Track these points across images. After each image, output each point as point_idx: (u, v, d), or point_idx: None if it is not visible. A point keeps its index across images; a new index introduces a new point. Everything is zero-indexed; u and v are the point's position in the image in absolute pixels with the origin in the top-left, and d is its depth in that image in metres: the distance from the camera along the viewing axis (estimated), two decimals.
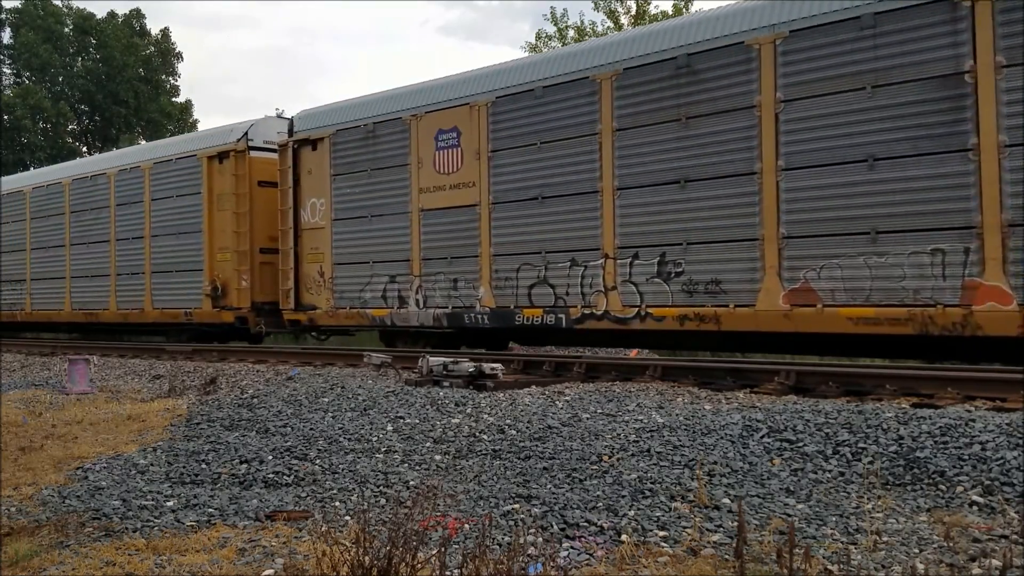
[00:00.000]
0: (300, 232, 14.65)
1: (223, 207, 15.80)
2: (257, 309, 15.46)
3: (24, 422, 8.33)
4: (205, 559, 3.94)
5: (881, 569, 3.61)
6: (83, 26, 40.46)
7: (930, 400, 6.99)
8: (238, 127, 16.17)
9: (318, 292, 14.35)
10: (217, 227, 15.96)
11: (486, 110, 12.04)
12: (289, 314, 14.84)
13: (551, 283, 11.24)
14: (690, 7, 26.18)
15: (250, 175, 15.55)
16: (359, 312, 13.63)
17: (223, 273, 15.81)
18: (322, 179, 14.24)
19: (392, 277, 13.19)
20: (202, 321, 16.37)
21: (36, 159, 37.02)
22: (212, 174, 16.02)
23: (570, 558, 3.86)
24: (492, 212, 11.95)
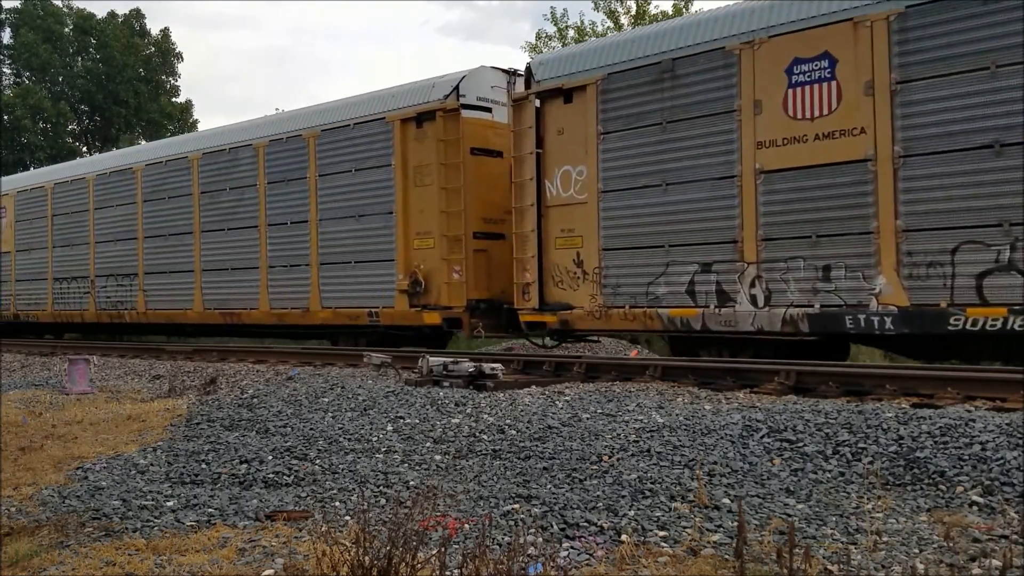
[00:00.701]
0: (544, 210, 11.53)
1: (423, 182, 12.86)
2: (471, 308, 12.49)
3: (24, 422, 8.33)
4: (205, 559, 3.95)
5: (881, 569, 3.61)
6: (83, 26, 40.44)
7: (930, 400, 6.99)
8: (443, 81, 13.05)
9: (573, 286, 11.24)
10: (414, 207, 13.00)
11: (886, 26, 8.68)
12: (529, 315, 11.71)
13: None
14: (690, 7, 26.17)
15: (462, 141, 12.55)
16: (645, 312, 10.41)
17: (424, 263, 12.87)
18: (581, 140, 11.09)
19: (705, 265, 9.97)
20: (392, 323, 13.48)
21: (36, 159, 37.01)
22: (407, 141, 13.03)
23: (570, 558, 3.86)
24: (901, 169, 8.59)
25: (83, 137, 42.10)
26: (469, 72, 12.94)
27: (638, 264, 10.64)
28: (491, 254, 12.78)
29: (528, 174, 11.70)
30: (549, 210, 11.56)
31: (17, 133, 37.21)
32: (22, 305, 21.21)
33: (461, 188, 12.54)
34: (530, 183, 11.66)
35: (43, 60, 38.86)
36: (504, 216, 12.60)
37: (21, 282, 21.19)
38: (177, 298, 17.00)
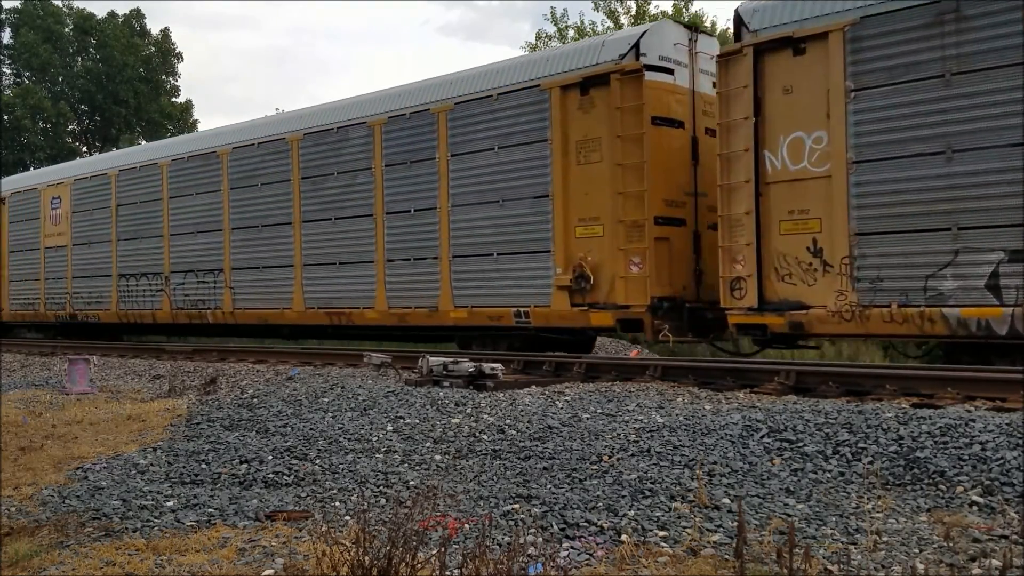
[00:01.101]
0: (763, 188, 9.55)
1: (589, 159, 11.02)
2: (654, 307, 10.48)
3: (24, 422, 8.33)
4: (205, 559, 3.95)
5: (881, 569, 3.61)
6: (83, 26, 40.45)
7: (930, 400, 6.99)
8: (616, 39, 11.32)
9: (808, 280, 9.28)
10: (575, 188, 11.11)
11: None
12: (742, 316, 9.65)
13: None
14: (690, 7, 26.18)
15: (645, 108, 10.57)
16: (922, 313, 8.47)
17: (592, 255, 10.96)
18: (819, 99, 9.18)
19: (1016, 253, 8.00)
20: (546, 325, 11.52)
21: (36, 159, 37.02)
22: (568, 111, 11.19)
23: (570, 558, 3.86)
24: None
25: (83, 137, 42.10)
26: (651, 27, 11.27)
27: (911, 252, 8.60)
28: (672, 243, 10.79)
29: (742, 144, 9.70)
30: (770, 187, 9.51)
31: (17, 133, 37.22)
32: (80, 304, 19.23)
33: (643, 164, 10.51)
34: (744, 155, 9.65)
35: (43, 60, 38.87)
36: (684, 198, 10.99)
37: (79, 279, 19.24)
38: (272, 296, 14.95)
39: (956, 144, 8.41)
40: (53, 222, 20.03)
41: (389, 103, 13.49)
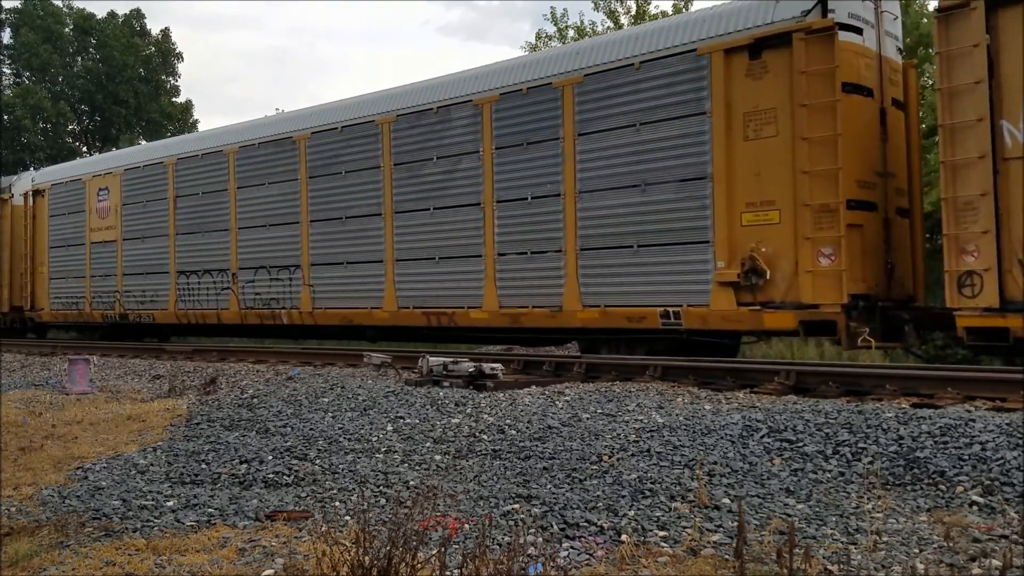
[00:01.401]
0: (1002, 165, 8.20)
1: (761, 133, 9.51)
2: (849, 308, 8.97)
3: (24, 422, 8.33)
4: (205, 559, 3.95)
5: (881, 569, 3.61)
6: (83, 26, 40.45)
7: (930, 400, 6.99)
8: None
9: None
10: (742, 168, 9.62)
11: None
12: (977, 318, 8.22)
13: None
14: (690, 6, 26.17)
15: (837, 72, 9.07)
16: None
17: (765, 245, 9.44)
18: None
19: None
20: (705, 326, 10.00)
21: (36, 159, 37.02)
22: (732, 78, 9.71)
23: (570, 558, 3.86)
24: None
25: (83, 137, 42.10)
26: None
27: None
28: (865, 231, 9.33)
29: (974, 113, 8.33)
30: (1009, 164, 8.19)
31: (17, 133, 37.22)
32: (132, 303, 17.49)
33: (836, 138, 9.01)
34: (976, 126, 8.30)
35: (43, 60, 38.86)
36: (875, 179, 9.60)
37: (131, 276, 17.55)
38: (359, 294, 13.47)
39: None
40: (100, 215, 18.35)
41: (500, 78, 11.98)
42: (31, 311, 20.50)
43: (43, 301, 20.24)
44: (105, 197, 18.36)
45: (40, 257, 20.28)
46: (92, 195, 18.72)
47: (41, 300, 20.30)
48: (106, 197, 18.33)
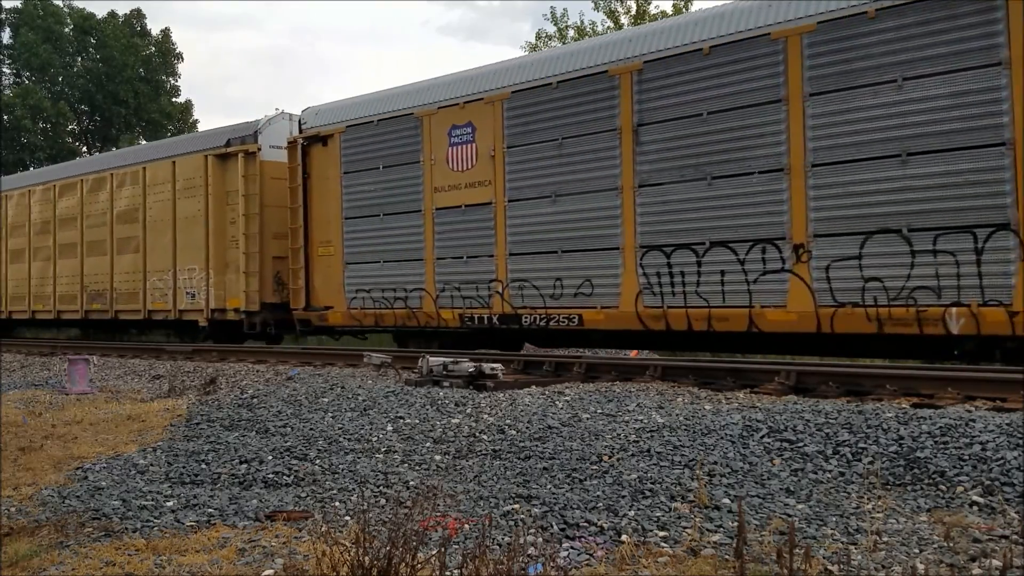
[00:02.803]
0: None
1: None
2: None
3: (24, 422, 8.33)
4: (205, 559, 3.95)
5: (881, 569, 3.61)
6: (83, 26, 40.48)
7: (930, 400, 6.99)
8: None
9: None
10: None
11: None
12: None
13: None
14: (690, 6, 26.17)
15: None
16: None
17: None
18: None
19: None
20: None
21: (36, 159, 37.03)
22: None
23: (570, 558, 3.86)
24: None
25: (83, 137, 42.11)
26: None
27: None
28: None
29: None
30: None
31: (17, 133, 37.24)
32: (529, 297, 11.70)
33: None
34: None
35: (43, 60, 38.88)
36: None
37: (525, 256, 11.79)
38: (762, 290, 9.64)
39: None
40: (454, 166, 12.49)
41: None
42: (307, 311, 14.40)
43: (331, 297, 14.07)
44: (465, 137, 12.51)
45: (321, 233, 14.19)
46: (435, 136, 12.73)
47: (327, 295, 14.17)
48: (467, 137, 12.46)
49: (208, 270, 15.92)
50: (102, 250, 18.43)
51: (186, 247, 16.41)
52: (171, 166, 16.79)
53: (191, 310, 16.31)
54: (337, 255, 14.06)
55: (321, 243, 14.34)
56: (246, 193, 15.31)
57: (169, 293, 16.72)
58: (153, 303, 17.15)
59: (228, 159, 15.77)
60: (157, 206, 17.10)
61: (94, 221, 18.69)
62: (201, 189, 16.09)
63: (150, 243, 17.27)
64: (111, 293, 18.15)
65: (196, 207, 16.20)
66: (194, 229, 16.23)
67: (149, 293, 17.20)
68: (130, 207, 17.77)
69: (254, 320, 15.39)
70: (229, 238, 15.74)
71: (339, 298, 14.01)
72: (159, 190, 17.07)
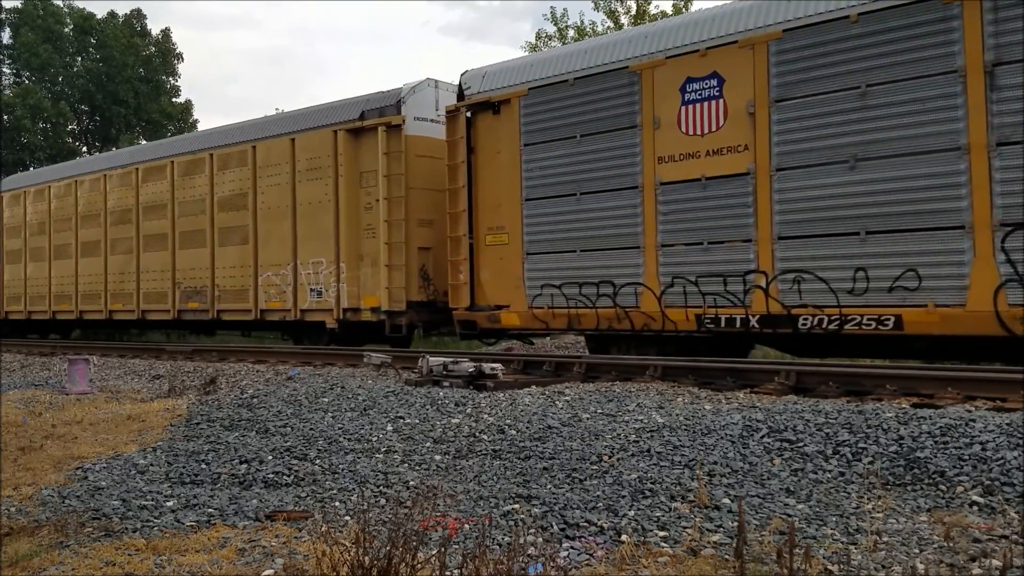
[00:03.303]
0: None
1: None
2: None
3: (24, 422, 8.33)
4: (205, 559, 3.94)
5: (881, 569, 3.61)
6: (83, 26, 40.46)
7: (930, 400, 6.99)
8: None
9: None
10: None
11: None
12: None
13: None
14: (690, 6, 26.18)
15: None
16: None
17: None
18: None
19: None
20: None
21: (36, 159, 37.02)
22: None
23: (570, 558, 3.86)
24: None
25: (83, 137, 42.11)
26: None
27: None
28: None
29: None
30: None
31: (17, 133, 37.22)
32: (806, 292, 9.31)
33: None
34: None
35: (43, 60, 38.87)
36: None
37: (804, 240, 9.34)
38: None
39: None
40: (690, 129, 10.19)
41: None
42: (472, 310, 12.06)
43: (505, 293, 11.71)
44: (707, 92, 10.15)
45: (491, 218, 11.91)
46: (660, 93, 10.45)
47: (498, 292, 11.79)
48: (710, 92, 10.12)
49: (338, 264, 13.70)
50: (199, 241, 16.10)
51: (310, 237, 14.19)
52: (289, 144, 14.49)
53: (316, 310, 14.11)
54: (513, 244, 11.57)
55: (490, 230, 11.92)
56: (388, 173, 13.11)
57: (288, 290, 14.49)
58: (268, 302, 14.86)
59: (363, 134, 13.56)
60: (272, 190, 14.79)
61: (189, 208, 16.38)
62: (329, 170, 13.85)
63: (263, 233, 14.96)
64: (212, 290, 15.79)
65: (322, 191, 13.92)
66: (320, 217, 13.99)
67: (262, 290, 14.90)
68: (236, 192, 15.42)
69: (398, 321, 13.15)
70: (364, 226, 13.55)
71: (516, 295, 11.50)
72: (274, 172, 14.75)
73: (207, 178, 15.93)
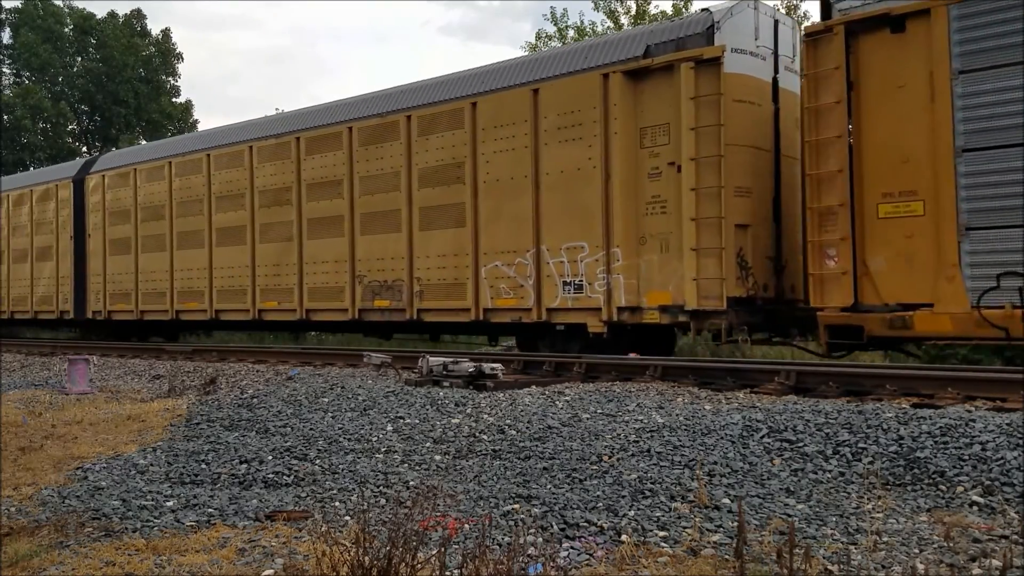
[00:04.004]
0: None
1: None
2: None
3: (24, 422, 8.33)
4: (205, 559, 3.94)
5: (881, 569, 3.61)
6: (83, 26, 40.46)
7: (930, 400, 6.99)
8: None
9: None
10: None
11: None
12: None
13: None
14: (690, 7, 26.18)
15: None
16: None
17: None
18: None
19: None
20: None
21: (36, 159, 37.02)
22: None
23: (570, 558, 3.86)
24: None
25: (83, 137, 42.10)
26: None
27: None
28: None
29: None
30: None
31: (17, 133, 37.21)
32: None
33: None
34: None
35: (43, 60, 38.87)
36: None
37: None
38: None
39: None
40: None
41: None
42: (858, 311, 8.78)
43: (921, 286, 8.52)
44: None
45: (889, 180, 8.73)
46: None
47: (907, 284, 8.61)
48: None
49: (608, 249, 10.76)
50: (391, 224, 13.09)
51: (562, 216, 11.22)
52: (528, 97, 11.52)
53: (571, 309, 11.14)
54: (936, 215, 8.30)
55: (888, 196, 8.64)
56: (698, 125, 10.02)
57: (527, 284, 11.48)
58: (495, 299, 11.83)
59: (648, 77, 10.55)
60: (501, 158, 11.78)
61: (376, 184, 13.31)
62: (595, 126, 10.87)
63: (486, 212, 11.94)
64: (409, 285, 12.85)
65: (582, 155, 10.99)
66: (578, 189, 11.03)
67: (486, 285, 11.92)
68: (445, 162, 12.42)
69: (711, 324, 10.02)
70: (647, 199, 10.51)
71: (945, 289, 8.21)
72: (503, 134, 11.75)
73: (403, 146, 12.92)
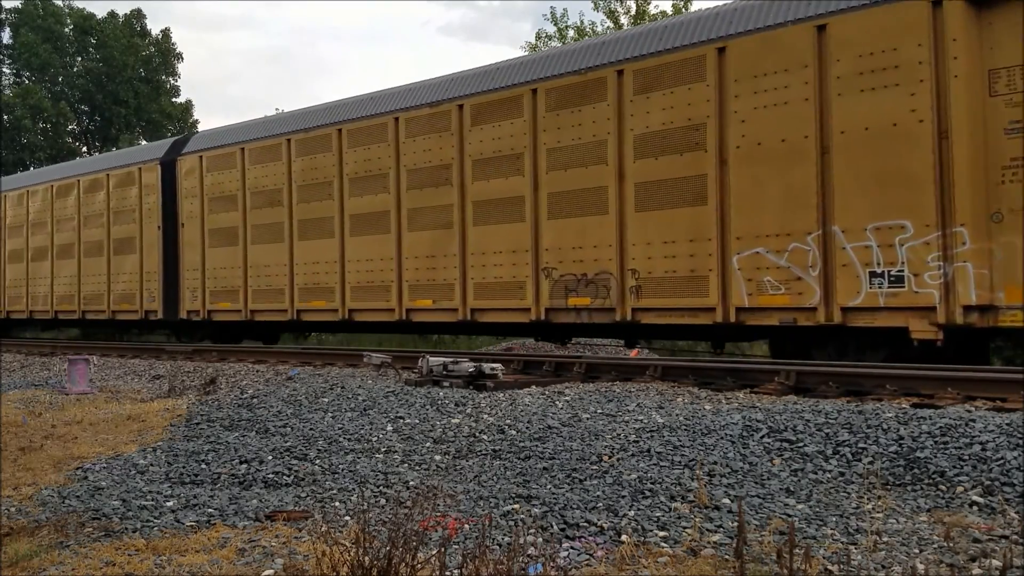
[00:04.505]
0: None
1: None
2: None
3: (24, 422, 8.33)
4: (205, 559, 3.94)
5: (881, 569, 3.61)
6: (83, 26, 40.46)
7: (930, 400, 6.99)
8: None
9: None
10: None
11: None
12: None
13: None
14: (690, 6, 26.17)
15: None
16: None
17: None
18: None
19: None
20: None
21: (36, 159, 37.01)
22: None
23: (570, 558, 3.86)
24: None
25: (83, 137, 42.10)
26: None
27: None
28: None
29: None
30: None
31: (17, 133, 37.21)
32: None
33: None
34: None
35: (43, 60, 38.86)
36: None
37: None
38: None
39: None
40: None
41: None
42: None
43: None
44: None
45: None
46: None
47: None
48: None
49: (944, 230, 8.26)
50: (596, 205, 10.88)
51: (868, 186, 8.73)
52: (811, 35, 9.09)
53: (885, 308, 8.63)
54: None
55: None
56: None
57: (809, 276, 9.05)
58: (752, 296, 9.52)
59: (1001, 2, 8.19)
60: (763, 116, 9.45)
61: (573, 157, 11.04)
62: (921, 69, 8.40)
63: (740, 186, 9.62)
64: (620, 278, 10.60)
65: (901, 107, 8.56)
66: (892, 151, 8.59)
67: (739, 278, 9.55)
68: (679, 124, 10.12)
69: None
70: (1004, 163, 8.10)
71: None
72: (766, 85, 9.40)
73: (612, 109, 10.73)
